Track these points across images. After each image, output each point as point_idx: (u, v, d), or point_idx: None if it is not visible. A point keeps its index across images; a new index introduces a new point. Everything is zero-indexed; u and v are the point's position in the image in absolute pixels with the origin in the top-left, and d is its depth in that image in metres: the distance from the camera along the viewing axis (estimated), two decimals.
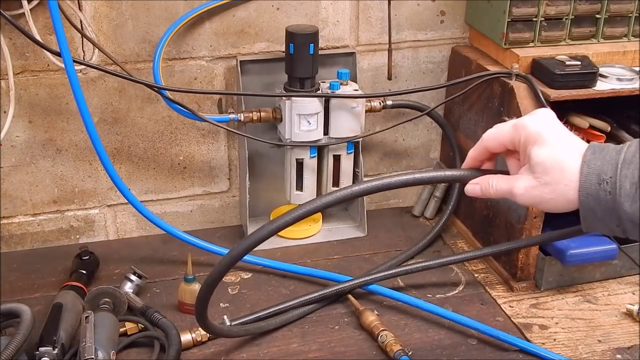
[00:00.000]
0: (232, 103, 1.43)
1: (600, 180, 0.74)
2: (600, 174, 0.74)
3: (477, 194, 0.84)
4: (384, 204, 1.64)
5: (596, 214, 0.75)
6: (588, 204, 0.75)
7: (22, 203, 1.41)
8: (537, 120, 0.79)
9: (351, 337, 1.20)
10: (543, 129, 0.78)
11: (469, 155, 0.86)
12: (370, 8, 1.44)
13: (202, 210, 1.53)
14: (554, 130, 0.78)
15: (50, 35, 1.27)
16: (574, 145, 0.77)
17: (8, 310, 1.08)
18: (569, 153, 0.76)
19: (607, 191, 0.73)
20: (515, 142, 0.80)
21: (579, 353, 1.16)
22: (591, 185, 0.74)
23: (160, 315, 1.17)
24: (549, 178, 0.76)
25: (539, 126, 0.78)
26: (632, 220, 0.74)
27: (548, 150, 0.76)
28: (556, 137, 0.77)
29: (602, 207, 0.74)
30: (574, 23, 1.37)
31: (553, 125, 0.79)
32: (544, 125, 0.78)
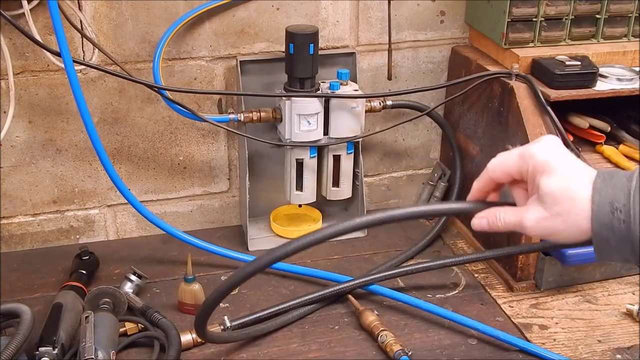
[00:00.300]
0: (232, 103, 1.43)
1: (614, 209, 0.72)
2: (612, 202, 0.72)
3: (484, 229, 0.81)
4: (383, 205, 1.64)
5: (610, 244, 0.74)
6: (602, 233, 0.73)
7: (22, 203, 1.41)
8: (545, 148, 0.76)
9: (351, 337, 1.20)
10: (551, 158, 0.75)
11: (473, 186, 0.83)
12: (370, 8, 1.44)
13: (202, 211, 1.53)
14: (562, 159, 0.75)
15: (50, 35, 1.27)
16: (583, 173, 0.74)
17: (8, 311, 1.08)
18: (579, 181, 0.74)
19: (621, 220, 0.72)
20: (523, 171, 0.77)
21: (579, 353, 1.16)
22: (604, 215, 0.72)
23: (160, 315, 1.17)
24: (560, 208, 0.74)
25: (546, 155, 0.75)
26: None
27: (557, 179, 0.74)
28: (565, 165, 0.75)
29: (616, 236, 0.73)
30: (573, 23, 1.37)
31: (561, 153, 0.76)
32: (552, 154, 0.76)
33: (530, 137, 1.24)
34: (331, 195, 1.47)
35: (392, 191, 1.63)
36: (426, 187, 1.59)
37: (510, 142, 1.30)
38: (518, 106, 1.27)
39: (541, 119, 1.27)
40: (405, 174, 1.62)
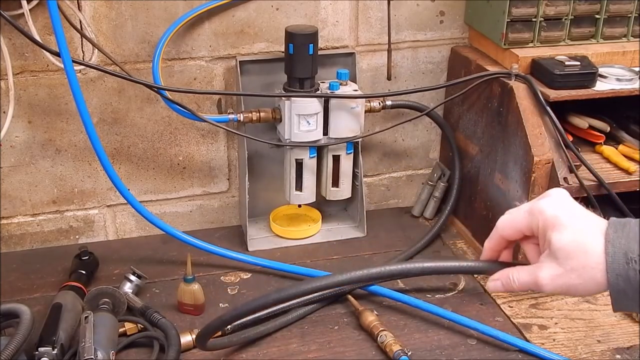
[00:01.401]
0: (231, 103, 1.43)
1: (628, 260, 0.71)
2: (627, 252, 0.72)
3: (499, 290, 0.81)
4: (383, 205, 1.64)
5: (627, 294, 0.73)
6: (618, 285, 0.72)
7: (22, 203, 1.41)
8: (553, 203, 0.76)
9: (351, 338, 1.20)
10: (560, 212, 0.75)
11: (485, 246, 0.83)
12: (369, 8, 1.44)
13: (202, 211, 1.53)
14: (571, 212, 0.75)
15: (50, 35, 1.27)
16: (594, 225, 0.74)
17: (7, 311, 1.08)
18: (590, 234, 0.73)
19: (637, 270, 0.71)
20: (533, 228, 0.77)
21: (579, 353, 1.16)
22: (619, 266, 0.72)
23: (160, 315, 1.17)
24: (574, 263, 0.73)
25: (556, 210, 0.75)
26: None
27: (569, 234, 0.74)
28: (575, 219, 0.75)
29: (632, 286, 0.72)
30: (573, 23, 1.37)
31: (569, 207, 0.76)
32: (561, 208, 0.76)
33: (530, 137, 1.24)
34: (331, 196, 1.47)
35: (392, 191, 1.63)
36: (426, 187, 1.59)
37: (509, 141, 1.31)
38: (517, 106, 1.27)
39: (541, 119, 1.27)
40: (405, 174, 1.62)
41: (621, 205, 1.25)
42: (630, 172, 1.27)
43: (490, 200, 1.39)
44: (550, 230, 0.74)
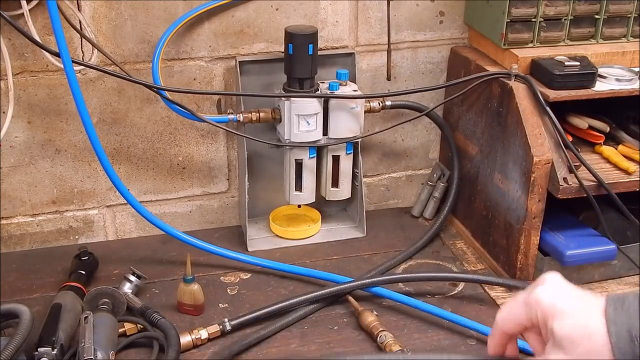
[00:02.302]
0: (231, 103, 1.44)
1: (633, 337, 0.70)
2: (630, 329, 0.71)
3: None
4: (383, 205, 1.64)
5: None
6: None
7: (21, 203, 1.41)
8: (549, 291, 0.75)
9: (350, 338, 1.20)
10: (557, 300, 0.74)
11: (489, 344, 0.82)
12: (369, 8, 1.44)
13: (201, 211, 1.53)
14: (568, 298, 0.74)
15: (49, 35, 1.27)
16: (593, 306, 0.73)
17: (7, 311, 1.08)
18: (591, 316, 0.72)
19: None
20: (533, 319, 0.75)
21: None
22: (625, 345, 0.70)
23: (160, 315, 1.17)
24: (581, 349, 0.72)
25: (552, 297, 0.74)
26: None
27: (570, 321, 0.72)
28: (573, 304, 0.74)
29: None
30: (573, 23, 1.37)
31: (566, 292, 0.75)
32: (557, 295, 0.75)
33: (529, 137, 1.24)
34: (330, 196, 1.47)
35: (392, 191, 1.63)
36: (425, 188, 1.59)
37: (509, 142, 1.31)
38: (517, 106, 1.27)
39: (540, 119, 1.27)
40: (405, 174, 1.62)
41: (621, 205, 1.25)
42: (630, 172, 1.27)
43: (489, 201, 1.39)
44: (551, 319, 0.73)
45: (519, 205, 1.28)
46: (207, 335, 1.16)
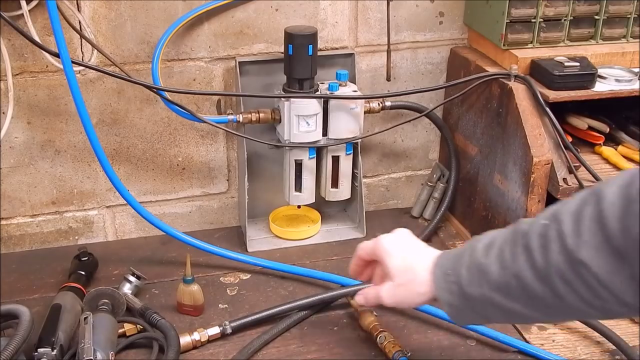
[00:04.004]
0: (231, 104, 1.44)
1: (446, 274, 0.90)
2: (445, 269, 0.91)
3: (362, 302, 1.04)
4: (382, 205, 1.64)
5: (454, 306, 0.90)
6: (444, 296, 0.91)
7: (21, 204, 1.41)
8: (390, 238, 1.01)
9: (350, 339, 1.20)
10: (393, 244, 0.99)
11: (350, 267, 1.09)
12: (369, 9, 1.44)
13: (201, 211, 1.53)
14: (403, 244, 1.00)
15: (49, 36, 1.27)
16: (423, 253, 0.96)
17: (7, 311, 1.07)
18: (417, 259, 0.96)
19: (453, 281, 0.89)
20: (376, 253, 1.01)
21: (578, 354, 1.16)
22: (441, 280, 0.91)
23: (159, 316, 1.17)
24: (402, 280, 0.96)
25: (390, 242, 1.00)
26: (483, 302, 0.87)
27: (398, 260, 0.97)
28: (405, 249, 0.99)
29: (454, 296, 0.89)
30: (572, 24, 1.37)
31: (403, 241, 1.01)
32: (395, 241, 1.00)
33: (529, 138, 1.24)
34: (330, 196, 1.47)
35: (391, 192, 1.63)
36: (425, 188, 1.59)
37: (509, 142, 1.31)
38: (517, 107, 1.27)
39: (540, 120, 1.27)
40: (404, 174, 1.62)
41: None
42: None
43: (489, 201, 1.39)
44: (386, 257, 0.99)
45: (519, 206, 1.28)
46: (207, 337, 1.16)
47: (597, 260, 0.75)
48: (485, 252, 0.87)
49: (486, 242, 0.88)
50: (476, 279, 0.87)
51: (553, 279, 0.79)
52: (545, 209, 0.85)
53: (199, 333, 1.16)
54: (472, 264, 0.87)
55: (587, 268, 0.76)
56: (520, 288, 0.83)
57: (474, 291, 0.87)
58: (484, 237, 0.90)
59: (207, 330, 1.16)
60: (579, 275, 0.77)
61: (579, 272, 0.77)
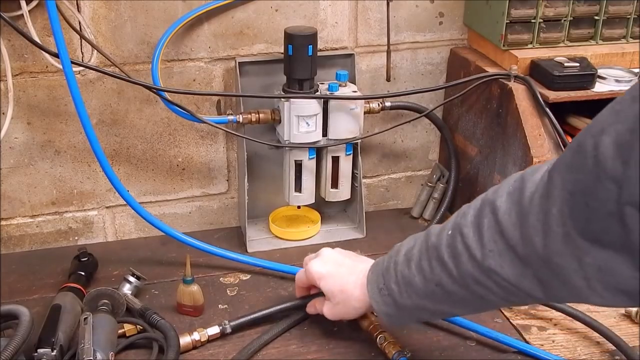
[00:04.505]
0: (230, 104, 1.44)
1: (380, 289, 1.00)
2: (378, 284, 1.01)
3: (313, 313, 1.16)
4: (382, 206, 1.64)
5: (391, 315, 1.00)
6: (380, 309, 1.01)
7: (21, 204, 1.41)
8: (318, 263, 1.11)
9: (350, 339, 1.20)
10: (321, 269, 1.10)
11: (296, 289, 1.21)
12: (369, 9, 1.44)
13: (201, 212, 1.53)
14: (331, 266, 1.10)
15: (49, 36, 1.27)
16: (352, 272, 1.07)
17: (6, 312, 1.07)
18: (348, 279, 1.07)
19: (387, 294, 0.99)
20: (310, 280, 1.13)
21: (578, 354, 1.16)
22: (376, 295, 1.01)
23: (159, 316, 1.17)
24: (338, 299, 1.08)
25: (318, 267, 1.11)
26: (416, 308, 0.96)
27: (330, 282, 1.09)
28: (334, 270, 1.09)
29: (390, 307, 0.99)
30: (572, 24, 1.37)
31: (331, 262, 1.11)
32: (323, 266, 1.10)
33: (529, 138, 1.25)
34: (330, 197, 1.47)
35: (391, 192, 1.63)
36: (425, 189, 1.59)
37: (509, 143, 1.31)
38: (517, 107, 1.27)
39: (540, 120, 1.27)
40: (404, 175, 1.63)
41: None
42: None
43: None
44: (318, 282, 1.10)
45: None
46: (207, 337, 1.16)
47: (504, 266, 0.82)
48: (406, 265, 0.96)
49: (404, 254, 0.97)
50: (405, 291, 0.96)
51: (470, 284, 0.87)
52: (449, 218, 0.94)
53: (199, 333, 1.15)
54: (399, 278, 0.97)
55: (497, 274, 0.83)
56: (444, 293, 0.91)
57: (406, 302, 0.97)
58: (402, 247, 1.00)
59: (206, 330, 1.16)
60: (492, 280, 0.84)
61: (491, 277, 0.84)
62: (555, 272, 0.76)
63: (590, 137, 0.68)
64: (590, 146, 0.68)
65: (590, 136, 0.68)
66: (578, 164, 0.70)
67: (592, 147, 0.67)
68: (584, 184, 0.69)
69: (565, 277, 0.75)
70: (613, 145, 0.65)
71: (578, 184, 0.70)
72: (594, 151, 0.67)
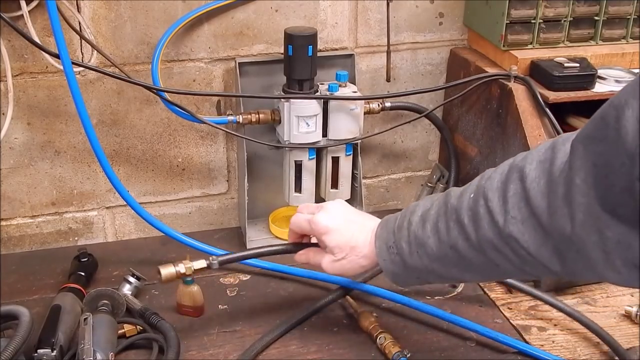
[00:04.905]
0: (230, 105, 1.44)
1: (388, 247, 0.97)
2: (387, 241, 0.97)
3: (303, 262, 1.11)
4: (382, 206, 1.64)
5: (397, 274, 0.98)
6: (387, 267, 0.98)
7: (21, 205, 1.41)
8: (326, 216, 1.04)
9: (350, 339, 1.20)
10: (330, 223, 1.03)
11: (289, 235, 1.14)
12: (369, 10, 1.44)
13: (201, 212, 1.53)
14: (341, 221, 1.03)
15: (49, 37, 1.27)
16: (360, 226, 1.03)
17: (7, 312, 1.07)
18: (356, 234, 1.02)
19: (395, 253, 0.96)
20: (313, 233, 1.06)
21: (578, 355, 1.16)
22: (384, 252, 0.97)
23: (159, 317, 1.17)
24: (343, 254, 1.02)
25: (327, 221, 1.03)
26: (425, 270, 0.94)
27: (337, 236, 1.02)
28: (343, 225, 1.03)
29: (397, 266, 0.96)
30: (572, 25, 1.37)
31: (339, 216, 1.04)
32: (332, 219, 1.04)
33: (529, 138, 1.25)
34: (330, 197, 1.47)
35: (391, 193, 1.63)
36: (425, 189, 1.59)
37: (508, 143, 1.31)
38: (517, 108, 1.28)
39: (540, 120, 1.27)
40: (404, 175, 1.63)
41: None
42: None
43: None
44: (323, 235, 1.03)
45: None
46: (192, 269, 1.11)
47: (525, 234, 0.80)
48: (421, 225, 0.92)
49: (421, 215, 0.94)
50: (416, 251, 0.93)
51: (486, 250, 0.85)
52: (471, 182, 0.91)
53: (185, 265, 1.10)
54: (411, 238, 0.93)
55: (517, 241, 0.81)
56: (457, 257, 0.89)
57: (416, 262, 0.93)
58: (417, 208, 0.96)
59: (192, 262, 1.11)
60: (510, 247, 0.82)
61: (510, 244, 0.82)
62: (576, 244, 0.75)
63: (612, 109, 0.67)
64: (613, 118, 0.67)
65: (613, 108, 0.67)
66: (600, 136, 0.69)
67: (614, 119, 0.66)
68: (606, 156, 0.68)
69: (585, 250, 0.74)
70: (636, 119, 0.64)
71: (600, 156, 0.69)
72: (615, 124, 0.66)
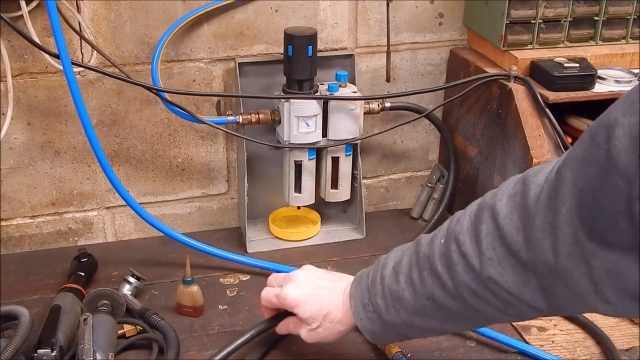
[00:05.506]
0: (230, 105, 1.44)
1: (364, 305, 0.94)
2: (362, 299, 0.94)
3: (284, 333, 1.08)
4: (382, 206, 1.64)
5: (376, 333, 0.95)
6: (364, 326, 0.95)
7: (21, 205, 1.41)
8: (293, 288, 1.01)
9: (350, 340, 1.19)
10: (299, 295, 1.00)
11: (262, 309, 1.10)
12: (368, 10, 1.44)
13: (201, 212, 1.53)
14: (310, 290, 1.00)
15: (49, 37, 1.27)
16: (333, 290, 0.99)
17: (6, 313, 1.07)
18: (327, 298, 0.99)
19: (372, 310, 0.93)
20: (283, 307, 1.03)
21: (578, 355, 1.16)
22: (360, 312, 0.94)
23: (159, 317, 1.17)
24: (317, 323, 1.00)
25: (295, 293, 1.01)
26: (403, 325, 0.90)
27: (309, 306, 0.99)
28: (313, 294, 1.00)
29: (375, 324, 0.93)
30: (572, 25, 1.37)
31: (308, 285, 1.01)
32: (299, 291, 1.01)
33: (529, 139, 1.25)
34: (330, 197, 1.47)
35: (391, 193, 1.63)
36: (425, 189, 1.59)
37: (508, 143, 1.31)
38: (516, 108, 1.28)
39: (540, 121, 1.27)
40: (404, 175, 1.63)
41: None
42: None
43: None
44: (295, 309, 1.01)
45: None
46: None
47: (504, 274, 0.77)
48: (394, 278, 0.90)
49: (392, 267, 0.91)
50: (393, 306, 0.90)
51: (465, 296, 0.82)
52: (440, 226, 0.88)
53: None
54: (386, 292, 0.90)
55: (496, 283, 0.78)
56: (436, 307, 0.86)
57: (394, 318, 0.90)
58: (388, 260, 0.94)
59: None
60: (490, 290, 0.79)
61: (489, 287, 0.79)
62: (562, 277, 0.71)
63: (602, 128, 0.63)
64: (603, 138, 0.63)
65: (603, 127, 0.63)
66: (590, 158, 0.65)
67: (604, 140, 0.62)
68: (595, 180, 0.64)
69: (572, 282, 0.70)
70: (627, 138, 0.60)
71: (590, 180, 0.65)
72: (606, 144, 0.62)
